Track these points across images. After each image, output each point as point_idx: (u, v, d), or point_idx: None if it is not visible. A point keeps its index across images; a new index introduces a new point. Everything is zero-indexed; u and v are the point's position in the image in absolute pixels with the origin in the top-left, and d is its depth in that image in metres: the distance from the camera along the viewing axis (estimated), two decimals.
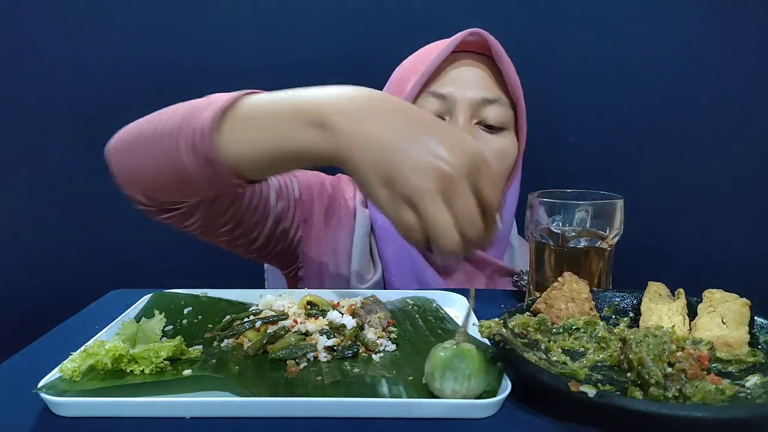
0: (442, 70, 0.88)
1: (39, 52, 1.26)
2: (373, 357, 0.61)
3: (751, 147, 1.25)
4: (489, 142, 0.88)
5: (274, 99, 0.62)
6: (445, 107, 0.87)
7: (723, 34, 1.22)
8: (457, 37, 0.87)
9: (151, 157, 0.67)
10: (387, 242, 0.92)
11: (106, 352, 0.54)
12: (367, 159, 0.53)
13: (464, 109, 0.87)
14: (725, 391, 0.48)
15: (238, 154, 0.61)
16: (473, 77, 0.88)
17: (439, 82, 0.88)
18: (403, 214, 0.52)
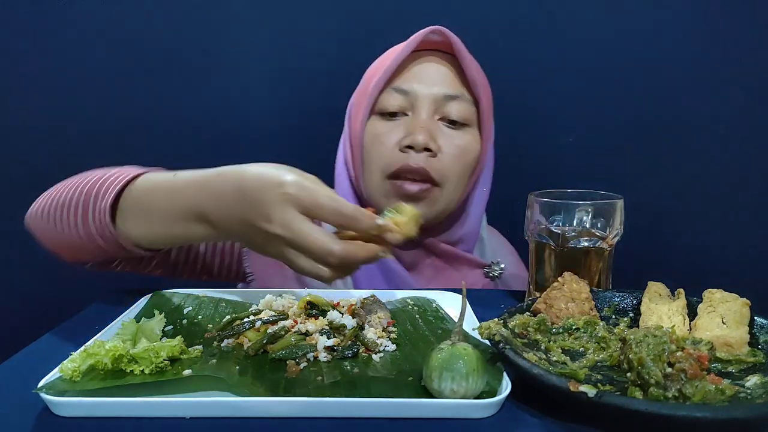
0: (405, 67, 0.89)
1: (38, 52, 1.26)
2: (373, 357, 0.61)
3: (751, 147, 1.25)
4: (451, 138, 0.89)
5: (161, 189, 0.69)
6: (408, 102, 0.89)
7: (723, 33, 1.22)
8: (418, 35, 0.88)
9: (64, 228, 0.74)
10: None
11: (106, 352, 0.54)
12: (242, 242, 0.72)
13: (426, 104, 0.88)
14: (725, 391, 0.48)
15: (138, 236, 0.71)
16: (436, 74, 0.89)
17: (401, 78, 0.89)
18: (296, 267, 0.60)
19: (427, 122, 0.88)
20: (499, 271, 0.96)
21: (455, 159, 0.89)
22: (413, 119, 0.88)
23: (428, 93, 0.88)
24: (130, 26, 1.26)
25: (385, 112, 0.90)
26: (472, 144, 0.91)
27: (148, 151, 1.30)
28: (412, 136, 0.86)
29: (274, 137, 1.31)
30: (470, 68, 0.88)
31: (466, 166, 0.91)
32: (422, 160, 0.86)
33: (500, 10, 1.25)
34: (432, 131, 0.87)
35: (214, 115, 1.30)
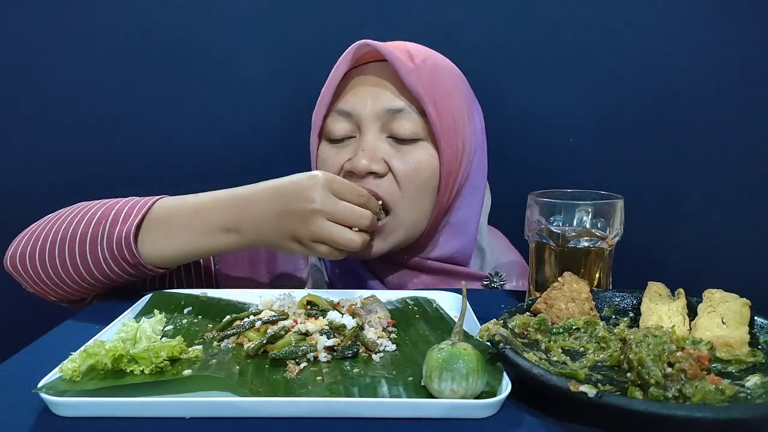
0: (346, 86, 0.85)
1: (37, 52, 1.26)
2: (373, 357, 0.61)
3: (752, 147, 1.25)
4: (402, 154, 0.83)
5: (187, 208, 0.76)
6: (353, 124, 0.84)
7: (723, 33, 1.22)
8: (348, 53, 0.84)
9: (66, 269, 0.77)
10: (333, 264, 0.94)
11: (106, 352, 0.54)
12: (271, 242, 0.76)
13: (370, 123, 0.83)
14: (725, 391, 0.48)
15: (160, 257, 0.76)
16: (376, 90, 0.83)
17: (343, 99, 0.85)
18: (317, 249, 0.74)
19: (372, 143, 0.82)
20: (499, 282, 0.92)
21: (406, 178, 0.82)
22: (358, 142, 0.84)
23: (370, 111, 0.82)
24: (129, 26, 1.26)
25: (332, 137, 0.86)
26: (426, 159, 0.83)
27: (147, 152, 1.31)
28: (353, 161, 0.81)
29: (273, 139, 1.31)
30: (410, 78, 0.81)
31: (423, 184, 0.83)
32: (370, 186, 0.81)
33: (500, 10, 1.25)
34: (377, 152, 0.82)
35: (214, 116, 1.30)
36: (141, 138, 1.30)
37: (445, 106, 0.84)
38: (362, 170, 0.81)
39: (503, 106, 1.27)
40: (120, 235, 0.74)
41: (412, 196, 0.84)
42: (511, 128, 1.27)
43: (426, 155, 0.84)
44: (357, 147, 0.84)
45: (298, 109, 1.29)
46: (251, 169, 1.29)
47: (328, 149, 0.87)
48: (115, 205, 0.77)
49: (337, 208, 0.72)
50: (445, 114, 0.83)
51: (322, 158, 0.87)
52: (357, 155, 0.82)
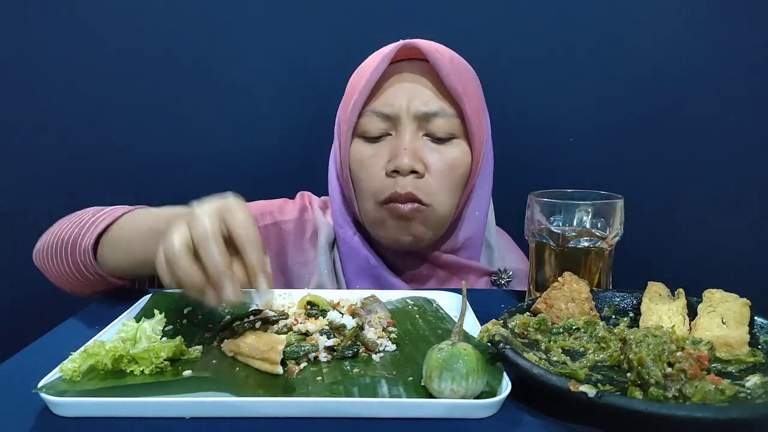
0: (382, 84, 0.86)
1: (37, 51, 1.26)
2: (373, 357, 0.61)
3: (752, 147, 1.25)
4: (438, 154, 0.86)
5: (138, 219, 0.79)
6: (390, 124, 0.86)
7: (724, 33, 1.22)
8: (390, 51, 0.85)
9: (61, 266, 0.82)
10: (349, 258, 0.92)
11: (106, 352, 0.54)
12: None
13: (408, 123, 0.85)
14: (725, 391, 0.48)
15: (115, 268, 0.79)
16: (413, 91, 0.85)
17: (379, 100, 0.86)
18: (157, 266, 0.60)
19: (411, 143, 0.84)
20: (506, 279, 0.94)
21: (443, 176, 0.86)
22: (397, 141, 0.86)
23: (408, 112, 0.85)
24: (132, 29, 1.26)
25: (367, 135, 0.87)
26: (461, 156, 0.87)
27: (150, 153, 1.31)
28: (397, 160, 0.83)
29: (274, 139, 1.31)
30: (449, 78, 0.84)
31: (457, 180, 0.88)
32: (409, 184, 0.84)
33: (500, 10, 1.25)
34: (417, 151, 0.85)
35: (216, 117, 1.30)
36: (144, 139, 1.30)
37: (474, 104, 0.87)
38: (406, 169, 0.83)
39: (503, 106, 1.26)
40: (84, 244, 0.78)
41: (448, 191, 0.87)
42: (512, 128, 1.27)
43: (461, 153, 0.87)
44: (395, 146, 0.85)
45: (299, 111, 1.30)
46: (254, 170, 1.31)
47: (364, 148, 0.88)
48: (96, 214, 0.82)
49: (198, 227, 0.57)
50: (475, 112, 0.87)
51: (358, 157, 0.88)
52: (399, 155, 0.84)
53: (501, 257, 1.00)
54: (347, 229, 0.93)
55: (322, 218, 0.97)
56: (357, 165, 0.88)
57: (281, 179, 1.13)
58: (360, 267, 0.92)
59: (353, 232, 0.93)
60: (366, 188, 0.87)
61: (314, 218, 0.97)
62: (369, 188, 0.87)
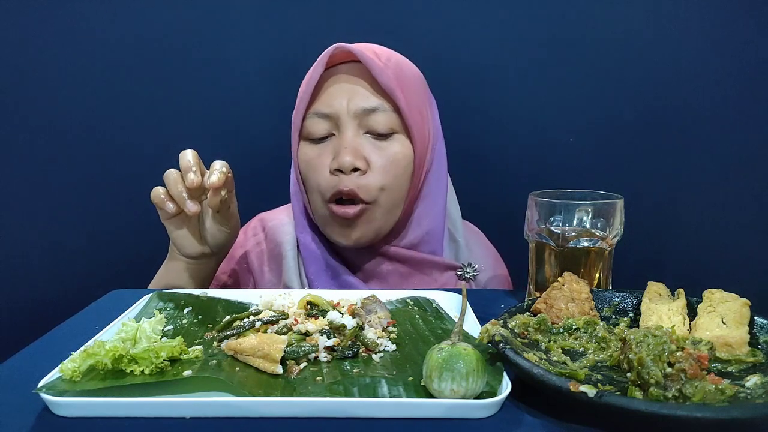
0: (321, 87, 0.89)
1: (39, 52, 1.26)
2: (373, 357, 0.61)
3: (751, 147, 1.25)
4: (380, 149, 0.88)
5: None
6: (332, 124, 0.89)
7: (723, 33, 1.22)
8: (324, 56, 0.88)
9: None
10: (309, 260, 0.95)
11: (106, 352, 0.54)
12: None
13: (348, 122, 0.88)
14: (725, 391, 0.48)
15: None
16: (351, 90, 0.88)
17: (320, 101, 0.89)
18: None
19: (352, 141, 0.87)
20: (472, 273, 0.96)
21: (385, 171, 0.88)
22: (339, 140, 0.88)
23: (347, 111, 0.87)
24: (129, 26, 1.26)
25: (312, 137, 0.90)
26: (402, 151, 0.89)
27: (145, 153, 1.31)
28: (339, 158, 0.86)
29: (270, 137, 1.31)
30: (382, 76, 0.87)
31: (400, 174, 0.90)
32: (352, 182, 0.86)
33: (501, 10, 1.25)
34: (358, 148, 0.87)
35: (212, 114, 1.30)
36: (139, 139, 1.30)
37: (412, 99, 0.90)
38: (348, 167, 0.85)
39: (504, 106, 1.27)
40: None
41: (391, 186, 0.89)
42: (512, 128, 1.28)
43: (402, 147, 0.89)
44: (338, 145, 0.88)
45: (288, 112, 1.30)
46: (247, 169, 1.30)
47: (309, 150, 0.91)
48: None
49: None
50: (413, 107, 0.89)
51: (305, 159, 0.91)
52: (341, 154, 0.86)
53: (469, 251, 1.01)
54: (306, 233, 0.96)
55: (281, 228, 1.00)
56: (305, 166, 0.91)
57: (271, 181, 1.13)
58: (319, 268, 0.95)
59: (312, 235, 0.96)
60: (314, 188, 0.90)
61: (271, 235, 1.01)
62: (317, 188, 0.90)
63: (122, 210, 1.31)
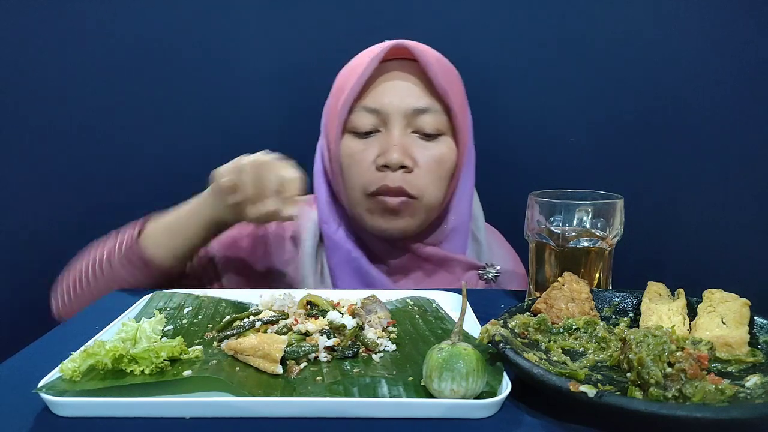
0: (373, 82, 0.89)
1: (39, 52, 1.26)
2: (373, 357, 0.61)
3: (751, 147, 1.25)
4: (426, 150, 0.89)
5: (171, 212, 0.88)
6: (380, 120, 0.89)
7: (723, 33, 1.22)
8: (381, 51, 0.87)
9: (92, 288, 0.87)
10: (333, 251, 0.95)
11: (106, 352, 0.54)
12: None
13: (397, 120, 0.88)
14: (725, 391, 0.48)
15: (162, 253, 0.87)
16: (404, 88, 0.88)
17: (370, 96, 0.89)
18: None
19: (400, 138, 0.88)
20: (494, 274, 0.96)
21: (431, 171, 0.89)
22: (386, 136, 0.88)
23: (398, 109, 0.88)
24: (131, 26, 1.26)
25: (357, 131, 0.90)
26: (447, 153, 0.91)
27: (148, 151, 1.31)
28: (387, 155, 0.86)
29: (273, 137, 1.31)
30: (437, 78, 0.87)
31: (443, 175, 0.91)
32: (399, 178, 0.87)
33: (501, 10, 1.25)
34: (406, 147, 0.88)
35: (214, 116, 1.30)
36: (140, 139, 1.30)
37: (460, 102, 0.91)
38: (396, 164, 0.86)
39: (504, 106, 1.27)
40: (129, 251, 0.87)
41: (435, 186, 0.91)
42: (512, 128, 1.27)
43: (447, 149, 0.91)
44: (385, 142, 0.88)
45: (297, 110, 1.30)
46: None
47: (354, 143, 0.90)
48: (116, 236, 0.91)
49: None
50: (461, 110, 0.91)
51: (348, 152, 0.91)
52: (389, 150, 0.87)
53: (491, 252, 1.01)
54: (331, 223, 0.95)
55: (305, 215, 0.99)
56: (347, 160, 0.91)
57: None
58: (343, 260, 0.94)
59: (337, 226, 0.95)
60: (356, 182, 0.90)
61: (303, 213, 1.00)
62: (359, 182, 0.90)
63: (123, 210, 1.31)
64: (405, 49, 0.89)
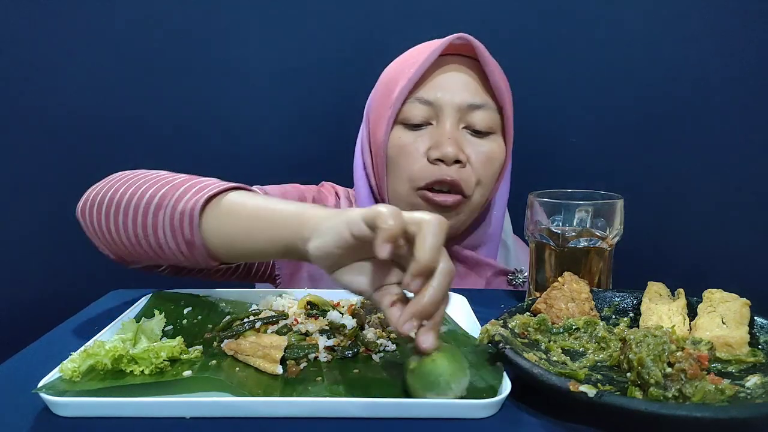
0: (429, 75, 0.88)
1: (38, 52, 1.26)
2: (373, 357, 0.61)
3: (751, 147, 1.25)
4: (476, 146, 0.88)
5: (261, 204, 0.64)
6: (432, 112, 0.88)
7: (724, 34, 1.22)
8: (443, 42, 0.86)
9: (126, 227, 0.68)
10: None
11: (106, 352, 0.54)
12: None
13: (450, 114, 0.87)
14: (725, 391, 0.48)
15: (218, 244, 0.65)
16: (459, 82, 0.88)
17: (425, 88, 0.88)
18: None
19: (453, 132, 0.87)
20: (522, 279, 0.96)
21: (482, 168, 0.88)
22: (439, 130, 0.87)
23: (453, 103, 0.87)
24: (133, 27, 1.26)
25: (409, 122, 0.88)
26: (497, 151, 0.90)
27: (151, 151, 1.31)
28: (442, 148, 0.85)
29: (281, 138, 1.31)
30: (494, 75, 0.87)
31: (493, 174, 0.91)
32: (454, 172, 0.85)
33: (501, 10, 1.25)
34: (458, 141, 0.87)
35: (222, 117, 1.30)
36: (141, 139, 1.30)
37: (509, 101, 0.91)
38: (452, 158, 0.85)
39: None
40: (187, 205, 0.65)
41: (485, 183, 0.90)
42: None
43: (498, 147, 0.90)
44: (437, 135, 0.87)
45: (304, 110, 1.30)
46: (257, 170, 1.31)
47: (404, 135, 0.89)
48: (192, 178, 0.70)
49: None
50: (511, 109, 0.91)
51: (398, 143, 0.89)
52: (444, 144, 0.85)
53: (516, 259, 1.02)
54: None
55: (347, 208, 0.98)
56: (396, 151, 0.89)
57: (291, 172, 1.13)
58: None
59: None
60: (404, 174, 0.88)
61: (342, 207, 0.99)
62: (407, 174, 0.88)
63: None
64: (462, 46, 0.88)
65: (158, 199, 0.67)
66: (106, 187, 0.72)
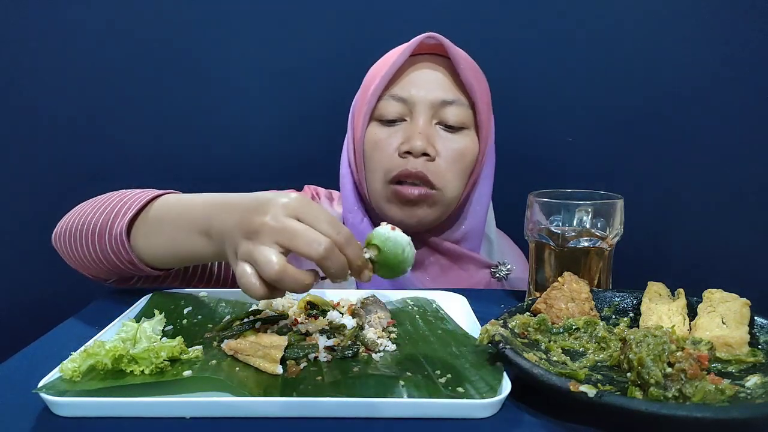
0: (403, 73, 0.91)
1: (39, 52, 1.26)
2: (373, 357, 0.61)
3: (752, 147, 1.25)
4: (448, 142, 0.91)
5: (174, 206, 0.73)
6: (406, 109, 0.91)
7: (724, 33, 1.22)
8: (414, 42, 0.90)
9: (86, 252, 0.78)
10: None
11: (106, 352, 0.54)
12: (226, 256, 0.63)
13: (423, 110, 0.90)
14: (725, 391, 0.48)
15: (148, 255, 0.75)
16: (432, 79, 0.91)
17: (399, 85, 0.91)
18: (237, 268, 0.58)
19: (424, 128, 0.90)
20: (506, 272, 0.98)
21: (453, 162, 0.91)
22: (411, 125, 0.90)
23: (425, 99, 0.90)
24: (133, 26, 1.26)
25: (384, 119, 0.92)
26: (470, 146, 0.92)
27: (150, 153, 1.31)
28: (411, 142, 0.88)
29: (274, 139, 1.31)
30: (465, 72, 0.90)
31: (464, 168, 0.93)
32: (420, 164, 0.88)
33: (501, 10, 1.25)
34: (430, 136, 0.89)
35: (216, 118, 1.30)
36: (141, 139, 1.30)
37: (484, 99, 0.93)
38: (419, 151, 0.88)
39: (503, 106, 1.26)
40: (117, 231, 0.73)
41: (455, 177, 0.92)
42: (511, 128, 1.27)
43: (470, 143, 0.93)
44: (409, 130, 0.90)
45: (296, 112, 1.30)
46: (250, 172, 1.31)
47: (379, 130, 0.93)
48: (124, 197, 0.77)
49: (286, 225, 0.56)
50: (485, 106, 0.93)
51: (372, 138, 0.93)
52: (414, 137, 0.88)
53: (500, 252, 1.03)
54: (355, 213, 0.96)
55: (329, 207, 1.01)
56: (371, 146, 0.93)
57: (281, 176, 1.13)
58: None
59: (362, 217, 0.96)
60: (377, 167, 0.92)
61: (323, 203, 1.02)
62: (380, 167, 0.91)
63: None
64: (435, 45, 0.91)
65: (100, 226, 0.76)
66: (71, 217, 0.81)
